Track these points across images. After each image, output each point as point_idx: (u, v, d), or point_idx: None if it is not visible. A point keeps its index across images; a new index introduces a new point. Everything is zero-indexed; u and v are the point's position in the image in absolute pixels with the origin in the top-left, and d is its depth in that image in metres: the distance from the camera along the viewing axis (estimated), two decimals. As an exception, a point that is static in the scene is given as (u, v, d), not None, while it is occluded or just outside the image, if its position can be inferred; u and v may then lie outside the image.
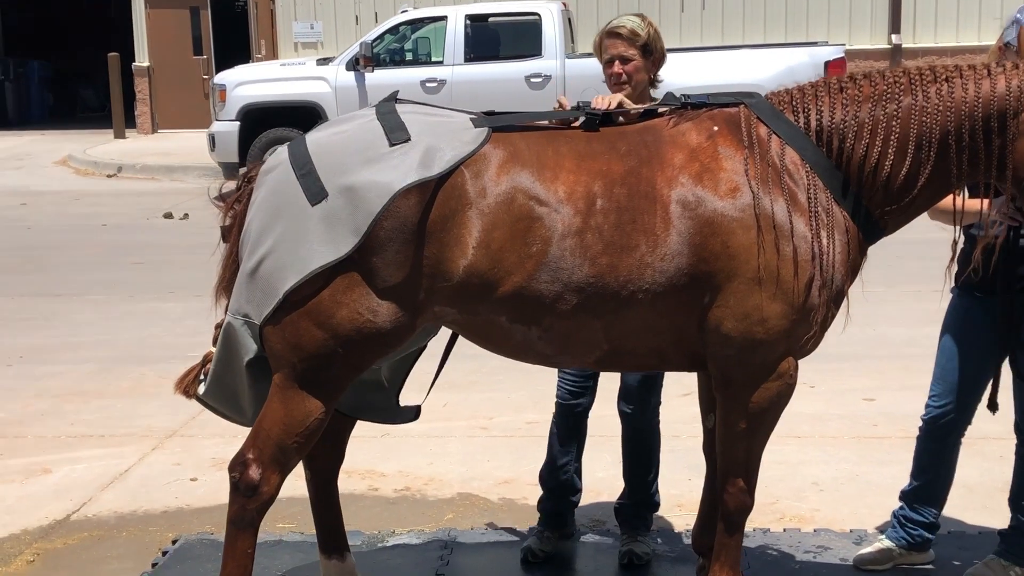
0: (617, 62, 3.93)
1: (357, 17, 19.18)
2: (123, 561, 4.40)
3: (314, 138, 3.34)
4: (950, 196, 3.54)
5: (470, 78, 13.87)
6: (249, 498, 3.35)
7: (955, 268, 3.57)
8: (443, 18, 14.30)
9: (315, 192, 3.19)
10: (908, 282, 8.33)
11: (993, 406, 3.84)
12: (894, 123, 3.29)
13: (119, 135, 20.22)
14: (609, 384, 4.28)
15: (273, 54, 19.50)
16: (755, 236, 3.25)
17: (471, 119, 3.35)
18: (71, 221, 12.66)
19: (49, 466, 5.42)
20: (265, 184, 3.34)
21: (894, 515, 4.16)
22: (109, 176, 16.40)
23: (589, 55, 15.65)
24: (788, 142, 3.32)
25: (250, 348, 3.33)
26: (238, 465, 3.35)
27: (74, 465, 5.43)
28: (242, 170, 3.72)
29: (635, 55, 3.92)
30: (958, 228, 3.49)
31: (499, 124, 3.33)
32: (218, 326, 3.48)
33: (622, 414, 4.22)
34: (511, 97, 13.23)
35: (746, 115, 3.36)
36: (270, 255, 3.24)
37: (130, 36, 21.07)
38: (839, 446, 5.53)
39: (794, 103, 3.37)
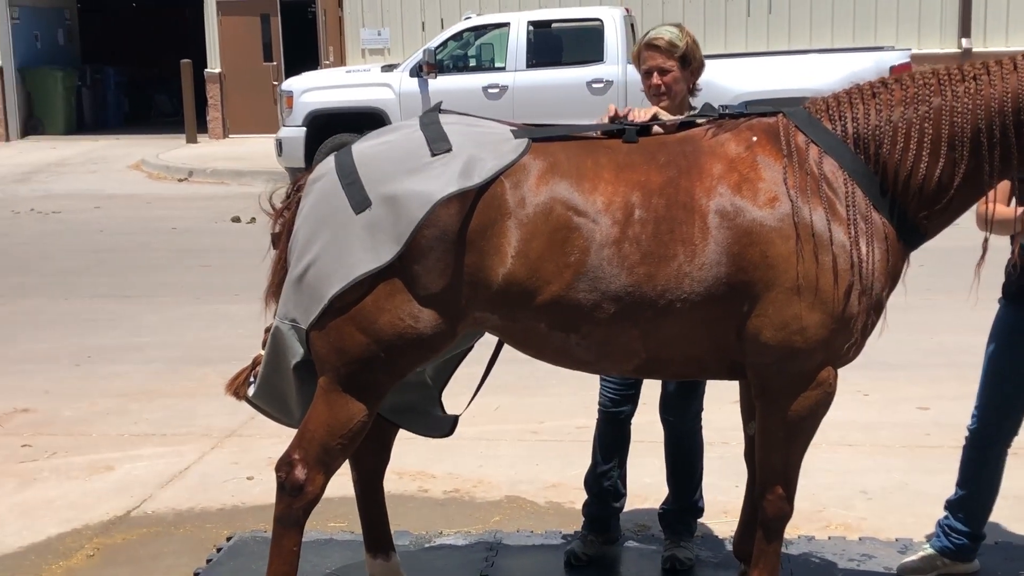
0: (656, 74, 3.97)
1: (423, 24, 19.37)
2: (179, 557, 4.54)
3: (360, 148, 3.43)
4: (996, 207, 3.54)
5: (532, 84, 13.97)
6: (295, 497, 3.45)
7: (984, 268, 3.57)
8: (506, 24, 14.41)
9: (359, 201, 3.28)
10: (968, 290, 8.23)
11: None
12: (927, 125, 3.31)
13: (191, 140, 20.62)
14: (653, 391, 4.32)
15: (341, 60, 19.75)
16: (794, 246, 3.28)
17: (511, 130, 3.42)
18: (142, 224, 12.95)
19: (112, 463, 5.60)
20: (312, 193, 3.44)
21: (938, 524, 4.16)
22: (180, 180, 16.74)
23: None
24: (826, 150, 3.34)
25: (297, 352, 3.43)
26: (284, 465, 3.46)
27: (135, 463, 5.60)
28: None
29: (673, 66, 3.95)
30: (989, 229, 3.49)
31: (539, 135, 3.40)
32: (267, 330, 3.59)
33: (664, 421, 4.27)
34: (572, 103, 13.32)
35: (784, 124, 3.39)
36: (316, 262, 3.33)
37: (203, 43, 21.48)
38: (890, 455, 5.51)
39: (830, 111, 3.40)
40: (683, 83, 3.99)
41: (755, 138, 3.38)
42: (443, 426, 3.92)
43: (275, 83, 19.87)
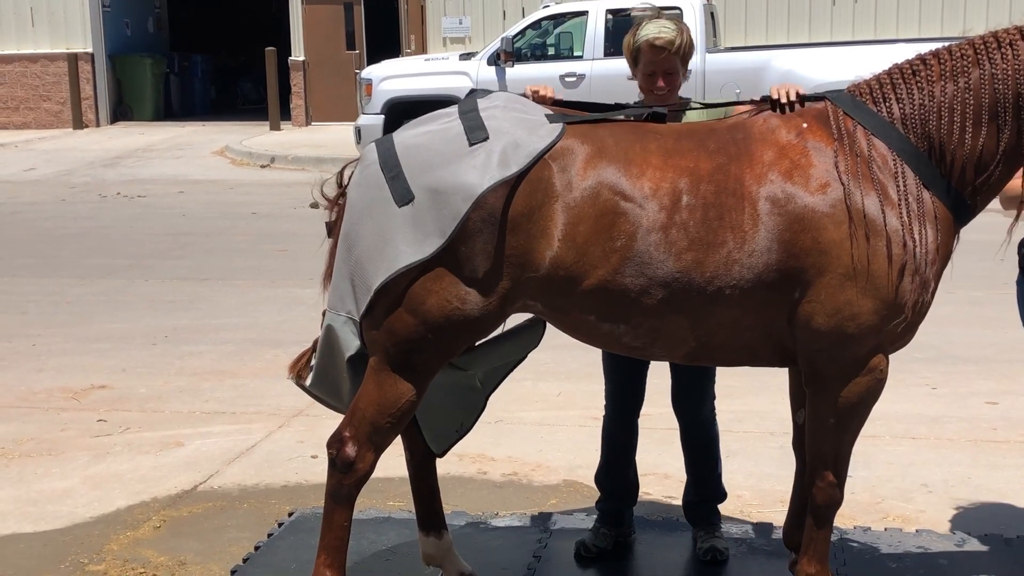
0: (661, 77, 3.92)
1: (504, 12, 19.45)
2: (241, 531, 4.66)
3: (401, 139, 3.47)
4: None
5: (609, 72, 13.93)
6: (345, 474, 3.52)
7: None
8: (584, 13, 14.42)
9: (402, 194, 3.34)
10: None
11: None
12: (968, 96, 3.30)
13: (274, 127, 20.94)
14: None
15: (423, 49, 19.90)
16: (847, 231, 3.26)
17: (546, 114, 3.44)
18: (223, 209, 13.21)
19: (182, 440, 5.75)
20: (358, 184, 3.51)
21: None
22: (262, 166, 17.03)
23: (731, 49, 15.52)
24: (874, 133, 3.34)
25: (351, 345, 3.49)
26: (335, 442, 3.53)
27: (205, 439, 5.75)
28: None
29: (676, 66, 3.93)
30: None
31: (572, 120, 3.42)
32: (324, 313, 3.67)
33: (678, 414, 4.24)
34: (649, 92, 13.26)
35: (832, 110, 3.38)
36: (362, 253, 3.40)
37: (288, 31, 21.80)
38: (954, 449, 5.44)
39: (873, 93, 3.40)
40: (681, 79, 3.98)
41: (805, 124, 3.38)
42: (447, 440, 3.96)
43: (357, 71, 20.09)
